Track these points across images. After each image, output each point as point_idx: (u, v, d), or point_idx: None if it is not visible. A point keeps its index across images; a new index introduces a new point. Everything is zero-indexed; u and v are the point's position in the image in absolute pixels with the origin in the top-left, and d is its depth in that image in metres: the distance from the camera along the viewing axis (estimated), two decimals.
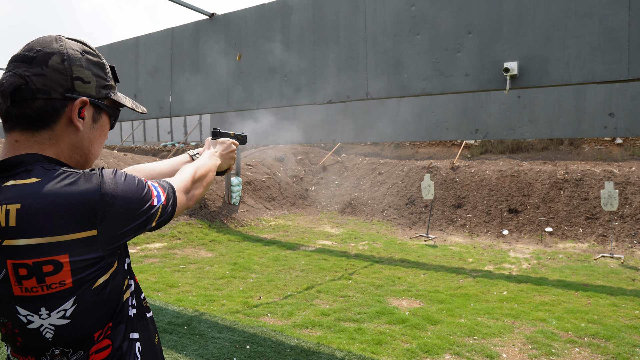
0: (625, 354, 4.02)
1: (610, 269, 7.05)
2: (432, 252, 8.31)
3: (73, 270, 0.88)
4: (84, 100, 0.98)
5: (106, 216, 0.90)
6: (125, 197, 0.94)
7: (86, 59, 1.00)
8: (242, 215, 11.31)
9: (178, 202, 1.09)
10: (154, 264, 7.19)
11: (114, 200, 0.92)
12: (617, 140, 12.02)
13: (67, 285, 0.89)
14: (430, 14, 3.15)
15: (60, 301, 0.89)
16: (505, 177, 10.89)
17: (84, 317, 0.92)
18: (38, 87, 0.93)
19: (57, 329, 0.91)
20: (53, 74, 0.94)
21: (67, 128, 0.97)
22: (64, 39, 0.99)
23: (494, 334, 4.46)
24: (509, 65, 2.82)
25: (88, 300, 0.92)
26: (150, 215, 0.99)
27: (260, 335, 4.37)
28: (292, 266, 7.19)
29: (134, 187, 0.97)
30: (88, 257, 0.90)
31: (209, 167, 1.30)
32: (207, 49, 4.41)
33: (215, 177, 2.46)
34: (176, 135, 20.53)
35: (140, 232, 1.00)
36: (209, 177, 1.27)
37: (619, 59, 2.56)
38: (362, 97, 3.47)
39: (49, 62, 0.94)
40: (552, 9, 2.74)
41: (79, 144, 1.01)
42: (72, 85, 0.96)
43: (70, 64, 0.96)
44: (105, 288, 0.94)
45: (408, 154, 14.66)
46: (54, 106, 0.95)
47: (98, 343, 0.95)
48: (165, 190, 1.06)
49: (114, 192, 0.92)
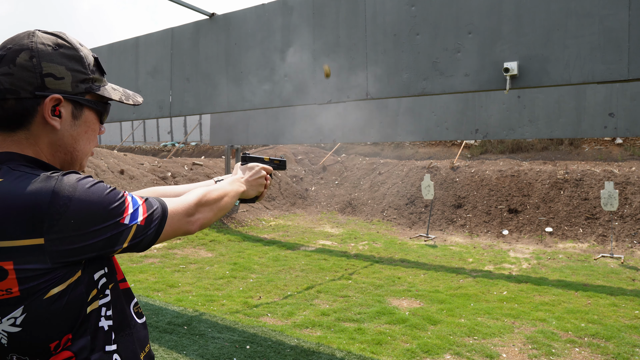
0: (625, 354, 4.02)
1: (610, 269, 7.05)
2: (432, 252, 8.31)
3: (19, 278, 0.82)
4: (55, 98, 0.92)
5: (54, 225, 0.82)
6: (82, 207, 0.85)
7: (59, 53, 0.94)
8: (242, 215, 11.31)
9: (169, 225, 0.99)
10: (154, 264, 7.19)
11: (66, 209, 0.83)
12: (617, 140, 12.02)
13: (14, 294, 0.83)
14: (430, 14, 3.15)
15: (9, 309, 0.84)
16: (505, 177, 10.89)
17: (35, 327, 0.86)
18: (6, 87, 0.89)
19: (9, 336, 0.86)
20: (21, 72, 0.90)
21: (44, 127, 0.93)
22: (37, 33, 0.94)
23: (494, 334, 4.46)
24: (509, 65, 2.81)
25: (39, 311, 0.85)
26: (117, 235, 0.89)
27: (260, 335, 4.37)
28: (292, 266, 7.19)
29: (99, 197, 0.87)
30: (35, 267, 0.83)
31: (225, 192, 1.19)
32: (207, 49, 4.41)
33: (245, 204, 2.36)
34: (176, 135, 20.54)
35: (106, 252, 0.90)
36: (222, 202, 1.16)
37: (619, 59, 2.56)
38: (362, 97, 3.47)
39: (17, 59, 0.90)
40: (552, 9, 2.74)
41: (60, 143, 0.96)
42: (42, 82, 0.91)
43: (40, 60, 0.91)
44: (61, 299, 0.86)
45: (408, 154, 14.66)
46: (24, 106, 0.91)
47: (57, 354, 0.89)
48: (149, 209, 0.96)
49: (69, 199, 0.83)
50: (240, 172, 1.38)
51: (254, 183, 1.37)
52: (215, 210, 1.12)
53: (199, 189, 1.13)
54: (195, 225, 1.06)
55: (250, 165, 1.40)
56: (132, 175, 11.08)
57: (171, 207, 1.01)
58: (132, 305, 1.07)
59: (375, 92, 3.41)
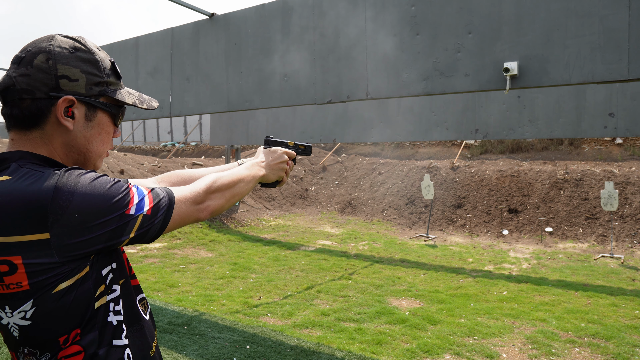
0: (625, 354, 4.02)
1: (610, 269, 7.05)
2: (432, 252, 8.31)
3: (28, 273, 0.85)
4: (67, 99, 0.95)
5: (58, 219, 0.84)
6: (85, 201, 0.86)
7: (75, 56, 0.96)
8: (242, 215, 11.32)
9: (177, 213, 0.99)
10: (154, 264, 7.19)
11: (69, 203, 0.85)
12: (617, 140, 12.02)
13: (23, 287, 0.86)
14: (430, 14, 3.15)
15: (19, 302, 0.87)
16: (505, 177, 10.89)
17: (45, 321, 0.89)
18: (23, 87, 0.92)
19: (20, 329, 0.89)
20: (37, 74, 0.93)
21: (58, 127, 0.96)
22: (56, 37, 0.97)
23: (494, 334, 4.46)
24: (509, 65, 2.81)
25: (48, 305, 0.88)
26: (123, 225, 0.90)
27: (260, 335, 4.37)
28: (292, 266, 7.19)
29: (102, 190, 0.89)
30: (43, 262, 0.85)
31: (240, 177, 1.16)
32: (207, 49, 4.41)
33: (265, 188, 2.27)
34: (176, 135, 20.55)
35: (112, 244, 0.91)
36: (237, 188, 1.14)
37: (619, 59, 2.56)
38: (362, 97, 3.47)
39: (34, 61, 0.93)
40: (552, 9, 2.74)
41: (74, 143, 0.98)
42: (57, 84, 0.94)
43: (55, 62, 0.94)
44: (69, 294, 0.89)
45: (408, 154, 14.66)
46: (39, 106, 0.94)
47: (66, 348, 0.91)
48: (155, 199, 0.96)
49: (71, 193, 0.85)
50: (263, 155, 1.34)
51: (275, 167, 1.33)
52: (227, 197, 1.11)
53: (211, 175, 1.11)
54: (205, 212, 1.06)
55: (273, 149, 1.36)
56: (132, 175, 11.08)
57: (179, 195, 1.01)
58: (137, 299, 1.09)
59: (375, 92, 3.41)
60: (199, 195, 1.05)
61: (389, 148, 15.44)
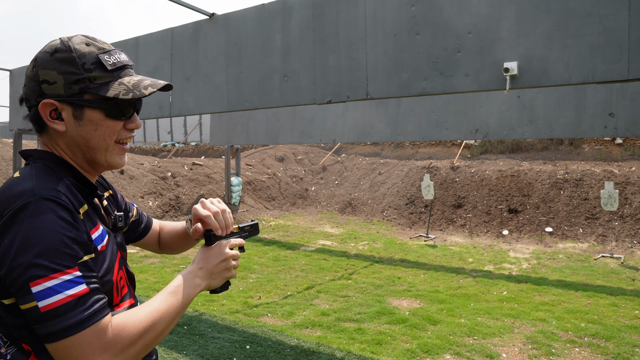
0: (625, 354, 4.02)
1: (610, 269, 7.06)
2: (432, 252, 8.31)
3: None
4: (47, 103, 0.95)
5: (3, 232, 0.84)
6: (18, 235, 0.83)
7: (54, 58, 0.95)
8: (242, 215, 11.31)
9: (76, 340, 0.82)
10: (154, 264, 7.19)
11: (10, 225, 0.84)
12: (617, 140, 12.02)
13: None
14: (430, 14, 3.15)
15: None
16: (505, 177, 10.89)
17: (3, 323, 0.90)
18: (25, 97, 1.00)
19: None
20: (29, 83, 0.98)
21: (55, 130, 0.99)
22: (50, 42, 1.00)
23: (494, 334, 4.46)
24: (509, 65, 2.81)
25: (2, 312, 0.88)
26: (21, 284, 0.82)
27: (260, 335, 4.37)
28: (292, 266, 7.19)
29: (49, 230, 0.83)
30: None
31: (153, 320, 0.92)
32: (207, 48, 4.41)
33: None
34: (176, 135, 20.54)
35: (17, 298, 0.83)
36: (147, 339, 0.90)
37: (619, 59, 2.56)
38: (362, 97, 3.47)
39: (27, 71, 0.99)
40: (552, 9, 2.74)
41: (74, 143, 1.00)
42: (40, 89, 0.96)
43: (37, 68, 0.96)
44: (15, 309, 0.86)
45: (408, 154, 14.66)
46: (35, 112, 0.98)
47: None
48: (73, 303, 0.82)
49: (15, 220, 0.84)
50: (200, 259, 1.07)
51: (217, 271, 1.08)
52: (135, 352, 0.88)
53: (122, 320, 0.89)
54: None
55: (212, 248, 1.09)
56: (132, 175, 11.08)
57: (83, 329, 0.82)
58: None
59: (375, 92, 3.41)
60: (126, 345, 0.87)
61: (389, 148, 15.44)
